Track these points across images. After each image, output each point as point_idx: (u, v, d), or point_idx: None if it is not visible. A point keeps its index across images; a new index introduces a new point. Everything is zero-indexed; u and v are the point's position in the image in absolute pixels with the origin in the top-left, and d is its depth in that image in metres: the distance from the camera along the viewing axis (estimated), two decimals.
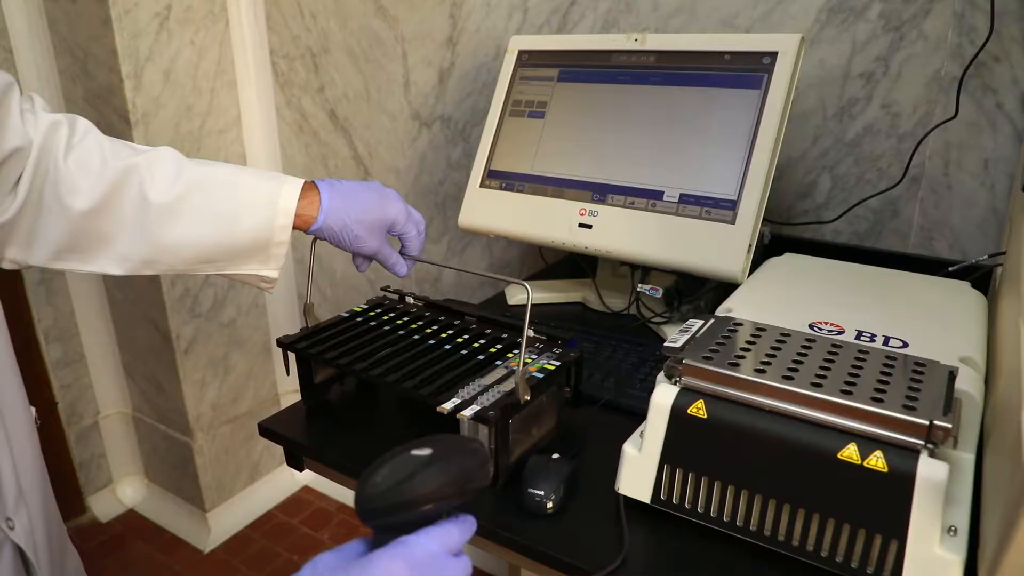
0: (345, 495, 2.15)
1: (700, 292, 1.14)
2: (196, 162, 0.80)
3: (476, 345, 0.87)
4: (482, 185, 1.23)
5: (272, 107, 1.90)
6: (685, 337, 0.73)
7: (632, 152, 1.10)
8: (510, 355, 0.85)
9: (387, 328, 0.92)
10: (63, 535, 0.79)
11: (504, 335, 0.90)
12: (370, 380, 0.81)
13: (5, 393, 0.63)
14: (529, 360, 0.82)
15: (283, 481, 2.20)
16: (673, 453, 0.69)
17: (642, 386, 0.93)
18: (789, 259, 1.04)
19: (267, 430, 0.91)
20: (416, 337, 0.89)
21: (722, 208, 1.01)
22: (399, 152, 1.68)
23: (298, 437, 0.89)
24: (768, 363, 0.68)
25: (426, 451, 0.46)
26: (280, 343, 0.88)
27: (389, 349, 0.86)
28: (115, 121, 1.69)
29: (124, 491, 2.17)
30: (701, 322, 0.77)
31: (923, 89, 1.11)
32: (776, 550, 0.65)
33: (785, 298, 0.89)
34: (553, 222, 1.14)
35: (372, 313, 0.96)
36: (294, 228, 0.84)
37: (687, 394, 0.68)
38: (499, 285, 1.67)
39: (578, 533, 0.72)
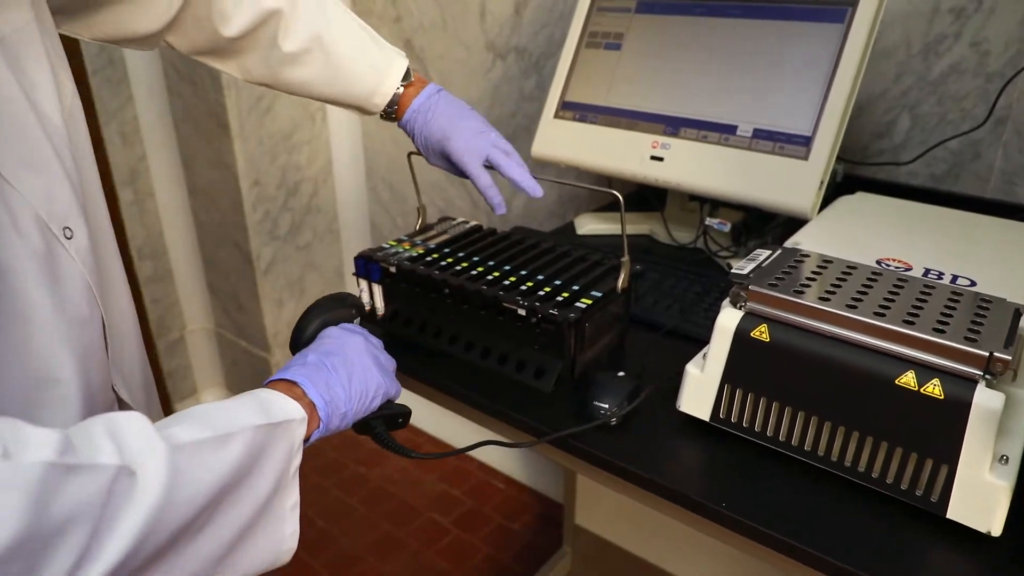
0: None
1: (767, 228, 1.15)
2: (329, 14, 0.88)
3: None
4: (556, 116, 1.25)
5: None
6: (752, 265, 0.76)
7: (707, 86, 1.10)
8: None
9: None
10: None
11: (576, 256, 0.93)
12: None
13: (110, 268, 0.72)
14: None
15: None
16: (734, 374, 0.72)
17: (706, 314, 0.96)
18: (861, 198, 1.04)
19: None
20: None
21: (796, 144, 1.02)
22: (473, 83, 1.70)
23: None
24: (832, 292, 0.70)
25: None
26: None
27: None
28: None
29: (207, 400, 2.32)
30: (768, 252, 0.79)
31: (1017, 27, 1.07)
32: (828, 470, 0.69)
33: (854, 235, 0.89)
34: (625, 154, 1.15)
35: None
36: (396, 113, 0.93)
37: (751, 318, 0.71)
38: (566, 216, 1.70)
39: (636, 445, 0.77)
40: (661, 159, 1.12)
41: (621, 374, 0.81)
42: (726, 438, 0.75)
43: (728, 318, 0.72)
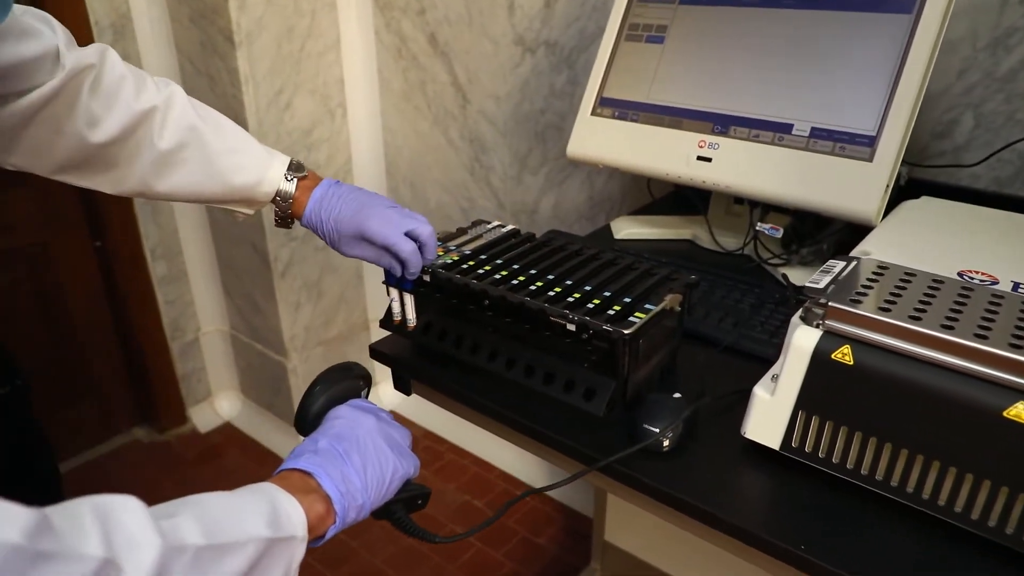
0: (431, 421, 2.19)
1: (822, 234, 1.08)
2: (201, 113, 0.84)
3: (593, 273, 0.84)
4: (593, 113, 1.18)
5: (371, 30, 1.87)
6: (827, 278, 0.69)
7: (759, 82, 1.03)
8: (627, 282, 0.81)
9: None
10: None
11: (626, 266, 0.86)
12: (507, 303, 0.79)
13: None
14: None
15: None
16: (811, 399, 0.65)
17: (763, 328, 0.89)
18: (927, 203, 0.97)
19: (378, 352, 0.92)
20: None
21: (858, 144, 0.94)
22: (500, 78, 1.63)
23: (407, 360, 0.89)
24: (922, 310, 0.62)
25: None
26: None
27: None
28: (219, 42, 1.70)
29: (221, 404, 2.27)
30: (842, 264, 0.72)
31: None
32: (919, 508, 0.61)
33: (927, 244, 0.82)
34: (669, 154, 1.08)
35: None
36: (291, 215, 0.88)
37: (831, 338, 0.63)
38: (597, 219, 1.63)
39: (693, 473, 0.70)
40: (709, 160, 1.05)
41: (677, 395, 0.74)
42: (797, 469, 0.68)
43: (804, 337, 0.65)
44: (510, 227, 0.97)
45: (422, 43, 1.77)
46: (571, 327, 0.72)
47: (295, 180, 0.86)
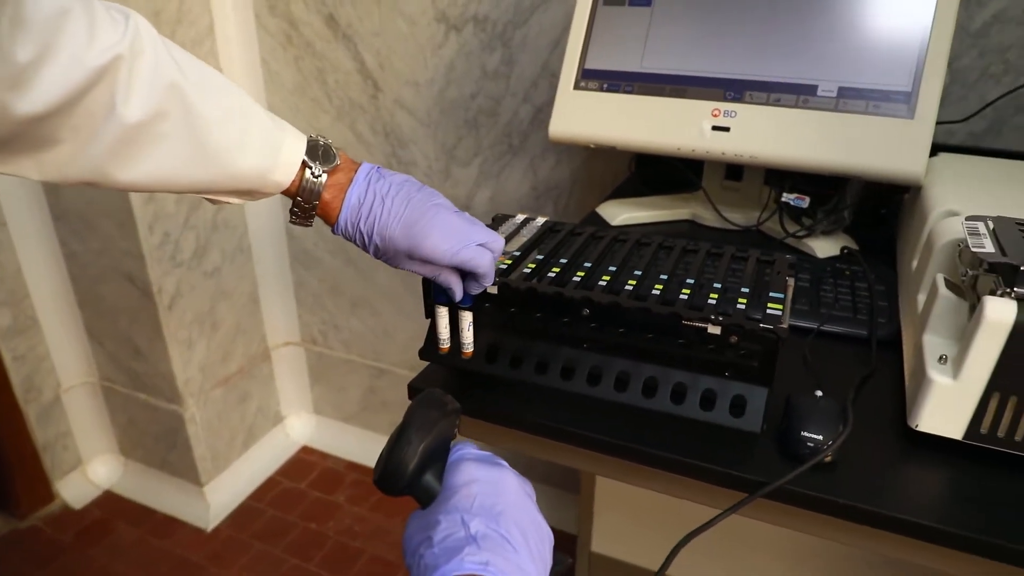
0: (351, 452, 1.97)
1: (834, 203, 1.02)
2: (181, 62, 0.57)
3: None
4: (576, 87, 1.05)
5: (250, 14, 1.61)
6: (987, 241, 0.61)
7: (772, 41, 0.95)
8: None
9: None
10: None
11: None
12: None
13: None
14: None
15: (279, 443, 2.00)
16: (1009, 379, 0.57)
17: (840, 306, 0.82)
18: (956, 159, 0.94)
19: (419, 390, 0.74)
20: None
21: (894, 101, 0.89)
22: (419, 62, 1.46)
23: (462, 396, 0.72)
24: None
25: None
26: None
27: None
28: None
29: (96, 471, 1.90)
30: (979, 223, 0.65)
31: None
32: None
33: (1009, 199, 0.78)
34: (678, 126, 0.98)
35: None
36: (314, 215, 0.65)
37: None
38: (544, 210, 1.51)
39: (861, 479, 0.60)
40: (727, 129, 0.96)
41: (819, 394, 0.64)
42: (984, 460, 0.60)
43: (999, 311, 0.56)
44: (542, 219, 0.82)
45: (317, 26, 1.55)
46: (714, 330, 0.60)
47: (323, 174, 0.63)
